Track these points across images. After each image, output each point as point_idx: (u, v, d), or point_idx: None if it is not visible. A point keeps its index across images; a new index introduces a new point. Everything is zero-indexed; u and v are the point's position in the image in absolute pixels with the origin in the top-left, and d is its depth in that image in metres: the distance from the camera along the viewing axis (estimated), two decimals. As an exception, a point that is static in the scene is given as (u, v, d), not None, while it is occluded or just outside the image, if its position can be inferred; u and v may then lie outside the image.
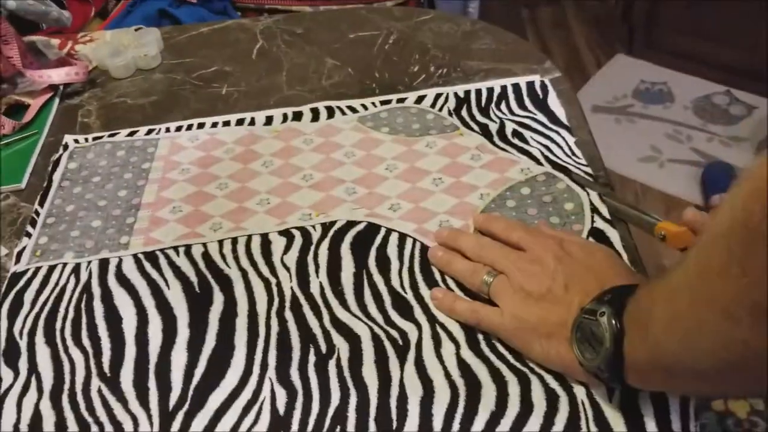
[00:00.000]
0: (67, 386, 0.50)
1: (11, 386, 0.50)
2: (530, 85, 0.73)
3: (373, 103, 0.72)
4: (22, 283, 0.58)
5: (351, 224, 0.59)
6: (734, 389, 0.35)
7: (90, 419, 0.48)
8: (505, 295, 0.48)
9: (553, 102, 0.70)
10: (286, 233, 0.59)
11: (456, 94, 0.73)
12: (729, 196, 0.32)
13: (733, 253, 0.31)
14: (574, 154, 0.64)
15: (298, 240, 0.58)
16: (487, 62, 0.77)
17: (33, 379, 0.50)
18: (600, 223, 0.56)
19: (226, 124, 0.73)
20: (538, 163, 0.63)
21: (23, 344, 0.53)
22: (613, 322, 0.40)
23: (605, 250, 0.49)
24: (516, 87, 0.73)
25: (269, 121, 0.72)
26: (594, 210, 0.57)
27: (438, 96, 0.72)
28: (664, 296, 0.37)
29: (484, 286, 0.50)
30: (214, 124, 0.73)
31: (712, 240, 0.33)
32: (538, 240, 0.50)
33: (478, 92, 0.73)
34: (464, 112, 0.70)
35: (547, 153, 0.64)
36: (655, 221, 0.52)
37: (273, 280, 0.55)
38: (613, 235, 0.54)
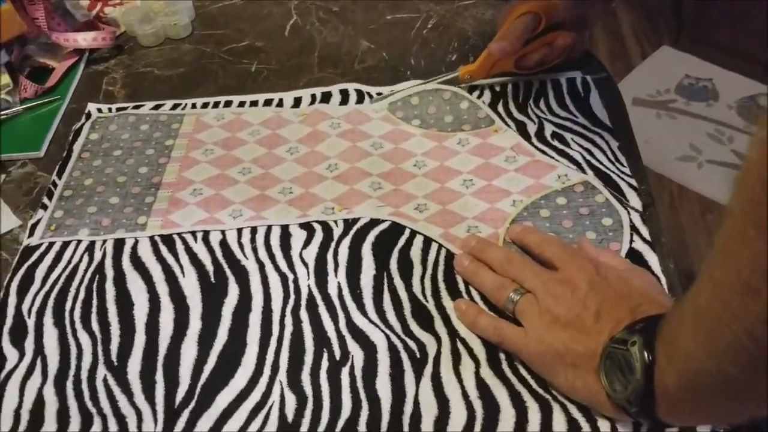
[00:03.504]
0: (72, 372, 0.49)
1: (15, 367, 0.49)
2: (571, 81, 0.69)
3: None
4: (34, 258, 0.56)
5: (374, 222, 0.57)
6: (763, 401, 0.33)
7: (93, 410, 0.46)
8: (531, 316, 0.45)
9: (595, 102, 0.67)
10: (307, 226, 0.57)
11: (492, 87, 0.69)
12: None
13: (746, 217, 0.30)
14: (617, 160, 0.60)
15: (319, 235, 0.56)
16: (529, 55, 0.73)
17: (38, 362, 0.49)
18: (639, 244, 0.52)
19: (254, 103, 0.70)
20: (579, 168, 0.59)
21: (31, 323, 0.52)
22: (645, 352, 0.38)
23: (644, 278, 0.46)
24: (556, 83, 0.69)
25: (297, 102, 0.70)
26: (633, 229, 0.53)
27: (472, 89, 0.69)
28: (688, 299, 0.36)
29: (509, 304, 0.47)
30: (242, 103, 0.70)
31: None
32: (574, 260, 0.47)
33: (516, 86, 0.69)
34: (500, 107, 0.67)
35: (588, 157, 0.60)
36: (457, 73, 0.65)
37: (290, 276, 0.53)
38: (652, 258, 0.51)
